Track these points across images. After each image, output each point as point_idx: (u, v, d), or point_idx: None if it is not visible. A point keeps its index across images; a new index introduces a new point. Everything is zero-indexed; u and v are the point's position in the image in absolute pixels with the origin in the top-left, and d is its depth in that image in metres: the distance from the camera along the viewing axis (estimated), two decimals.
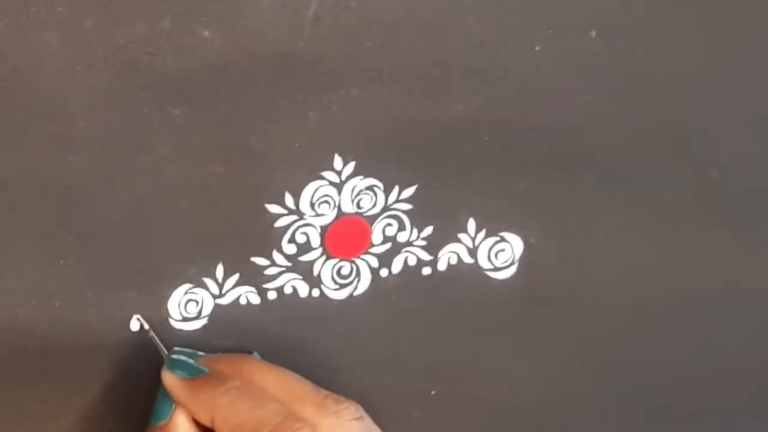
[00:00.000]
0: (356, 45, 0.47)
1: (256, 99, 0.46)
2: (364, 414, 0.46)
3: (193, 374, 0.46)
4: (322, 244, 0.50)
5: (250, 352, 0.50)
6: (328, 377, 0.49)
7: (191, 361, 0.47)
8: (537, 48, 0.50)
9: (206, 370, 0.46)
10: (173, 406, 0.46)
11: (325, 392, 0.46)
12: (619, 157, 0.54)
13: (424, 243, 0.52)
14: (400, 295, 0.53)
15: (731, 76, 0.54)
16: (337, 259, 0.51)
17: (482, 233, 0.53)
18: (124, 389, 0.49)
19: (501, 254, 0.54)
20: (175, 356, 0.47)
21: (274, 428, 0.43)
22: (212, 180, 0.47)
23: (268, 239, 0.49)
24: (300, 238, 0.50)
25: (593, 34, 0.50)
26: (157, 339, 0.48)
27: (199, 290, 0.49)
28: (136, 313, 0.48)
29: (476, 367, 0.56)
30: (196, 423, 0.46)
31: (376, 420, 0.47)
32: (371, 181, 0.50)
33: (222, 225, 0.48)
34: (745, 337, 0.62)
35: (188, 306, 0.49)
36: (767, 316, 0.62)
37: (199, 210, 0.47)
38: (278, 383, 0.46)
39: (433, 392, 0.56)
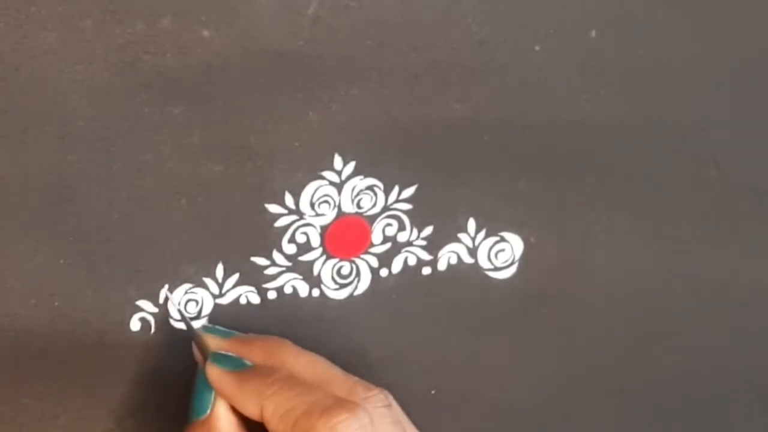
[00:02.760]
0: (356, 45, 0.47)
1: (256, 98, 0.46)
2: (393, 401, 0.46)
3: (238, 367, 0.46)
4: (322, 244, 0.50)
5: None
6: None
7: (234, 355, 0.47)
8: (537, 47, 0.50)
9: (249, 363, 0.46)
10: (212, 400, 0.46)
11: (354, 378, 0.46)
12: (619, 157, 0.54)
13: (424, 243, 0.52)
14: (400, 295, 0.53)
15: (731, 76, 0.54)
16: (337, 259, 0.51)
17: (482, 233, 0.53)
18: (124, 388, 0.49)
19: (501, 254, 0.54)
20: (217, 350, 0.47)
21: (324, 411, 0.43)
22: (212, 179, 0.47)
23: (268, 239, 0.49)
24: (300, 238, 0.50)
25: (593, 33, 0.50)
26: (186, 317, 0.48)
27: (199, 290, 0.49)
28: (136, 312, 0.48)
29: (476, 366, 0.56)
30: (237, 414, 0.46)
31: None
32: (371, 180, 0.50)
33: (222, 224, 0.48)
34: (745, 337, 0.62)
35: (188, 305, 0.49)
36: (767, 316, 0.62)
37: (198, 209, 0.47)
38: (309, 368, 0.46)
39: (432, 392, 0.56)
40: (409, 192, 0.51)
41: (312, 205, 0.49)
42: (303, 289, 0.51)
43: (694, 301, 0.59)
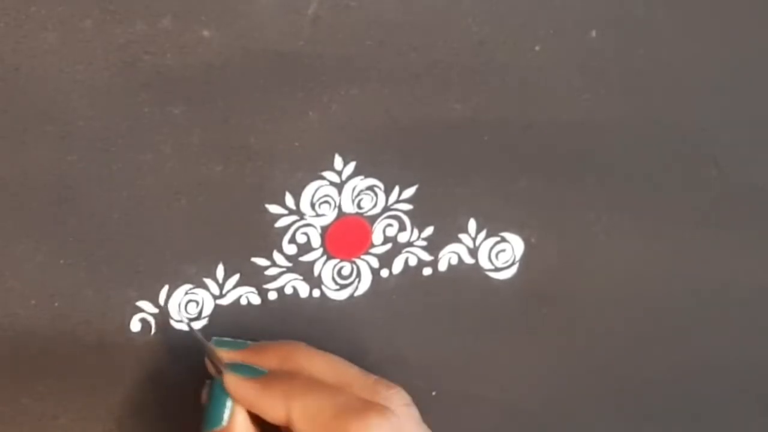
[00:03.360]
0: (356, 45, 0.47)
1: (256, 98, 0.46)
2: (410, 399, 0.46)
3: (256, 375, 0.45)
4: (322, 245, 0.50)
5: None
6: None
7: (252, 365, 0.46)
8: (537, 47, 0.50)
9: (266, 371, 0.45)
10: (228, 410, 0.45)
11: (374, 377, 0.45)
12: (619, 157, 0.54)
13: (424, 243, 0.52)
14: (401, 295, 0.53)
15: (731, 76, 0.54)
16: (338, 260, 0.51)
17: (483, 233, 0.53)
18: (123, 388, 0.49)
19: (501, 254, 0.54)
20: (230, 361, 0.46)
21: (356, 413, 0.43)
22: (212, 179, 0.47)
23: (269, 239, 0.49)
24: (300, 239, 0.50)
25: (593, 33, 0.50)
26: (197, 332, 0.48)
27: (199, 290, 0.49)
28: (136, 312, 0.48)
29: (476, 367, 0.56)
30: (255, 423, 0.45)
31: None
32: (371, 181, 0.50)
33: (222, 225, 0.48)
34: (745, 337, 0.62)
35: (188, 306, 0.49)
36: (767, 316, 0.62)
37: (199, 210, 0.47)
38: (327, 369, 0.45)
39: (433, 392, 0.56)
40: (409, 192, 0.51)
41: (312, 206, 0.49)
42: (303, 290, 0.51)
43: (694, 301, 0.59)
